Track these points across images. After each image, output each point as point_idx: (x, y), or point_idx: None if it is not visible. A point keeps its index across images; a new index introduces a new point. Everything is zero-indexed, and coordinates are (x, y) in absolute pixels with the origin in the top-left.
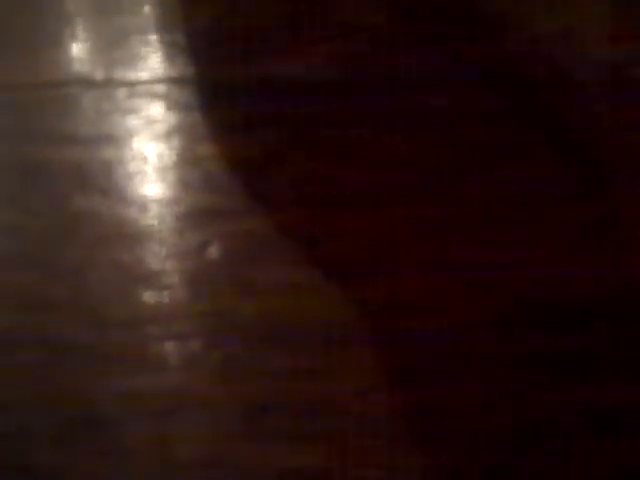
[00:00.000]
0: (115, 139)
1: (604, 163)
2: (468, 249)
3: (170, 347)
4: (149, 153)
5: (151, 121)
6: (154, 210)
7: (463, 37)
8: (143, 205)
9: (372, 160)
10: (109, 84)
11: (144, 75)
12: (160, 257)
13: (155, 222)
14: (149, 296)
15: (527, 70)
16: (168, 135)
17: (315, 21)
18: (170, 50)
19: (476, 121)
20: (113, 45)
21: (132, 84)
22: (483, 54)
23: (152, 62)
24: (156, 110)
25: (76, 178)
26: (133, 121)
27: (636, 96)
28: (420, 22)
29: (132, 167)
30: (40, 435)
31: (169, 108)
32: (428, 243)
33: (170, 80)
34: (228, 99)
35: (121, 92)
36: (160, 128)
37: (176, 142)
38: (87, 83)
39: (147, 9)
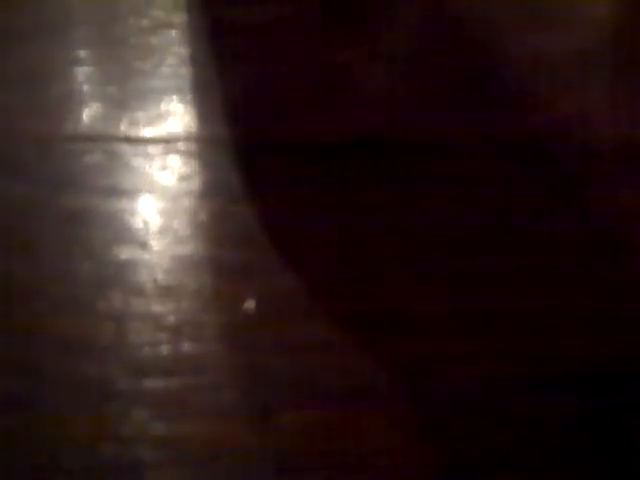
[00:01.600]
0: (151, 194)
1: (621, 234)
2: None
3: (205, 397)
4: (184, 210)
5: (186, 178)
6: (190, 265)
7: (479, 111)
8: (179, 259)
9: (396, 224)
10: (146, 141)
11: (180, 134)
12: (196, 310)
13: (191, 277)
14: (185, 347)
15: (543, 143)
16: (203, 193)
17: (346, 87)
18: (205, 110)
19: (492, 188)
20: (151, 104)
21: (168, 141)
22: (500, 127)
23: (188, 121)
24: (191, 168)
25: (115, 229)
26: (169, 178)
27: None
28: (437, 94)
29: (168, 222)
30: (80, 477)
31: (204, 166)
32: (445, 303)
33: (205, 139)
34: (261, 159)
35: (157, 149)
36: (195, 186)
37: (210, 200)
38: (125, 139)
39: (184, 70)
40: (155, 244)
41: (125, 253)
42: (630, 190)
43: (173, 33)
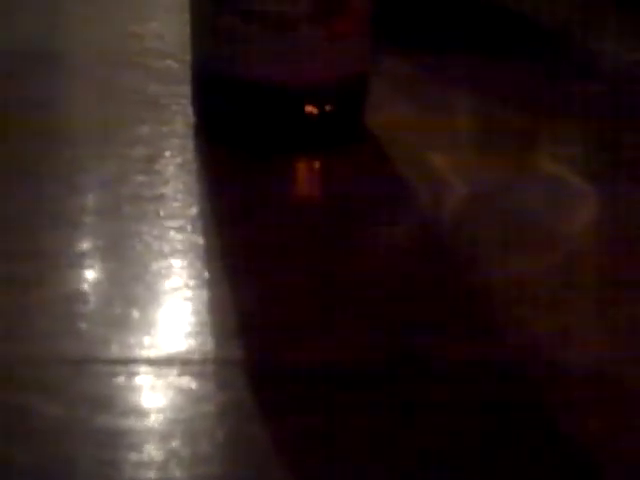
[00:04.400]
0: (171, 415)
1: (589, 460)
2: None
3: None
4: (202, 430)
5: (201, 399)
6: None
7: (460, 328)
8: (199, 479)
9: (400, 448)
10: (163, 363)
11: (195, 355)
12: None
13: None
14: None
15: (522, 365)
16: (219, 413)
17: (355, 315)
18: (220, 332)
19: (470, 411)
20: (170, 326)
21: (185, 363)
22: (478, 348)
23: (203, 343)
24: (206, 389)
25: (139, 449)
26: (184, 399)
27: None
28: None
29: (187, 442)
30: None
31: (219, 387)
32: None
33: (220, 361)
34: (275, 382)
35: (176, 371)
36: (211, 406)
37: (226, 420)
38: (146, 361)
39: (201, 292)
40: (175, 465)
41: (149, 474)
42: (598, 417)
43: (191, 255)
